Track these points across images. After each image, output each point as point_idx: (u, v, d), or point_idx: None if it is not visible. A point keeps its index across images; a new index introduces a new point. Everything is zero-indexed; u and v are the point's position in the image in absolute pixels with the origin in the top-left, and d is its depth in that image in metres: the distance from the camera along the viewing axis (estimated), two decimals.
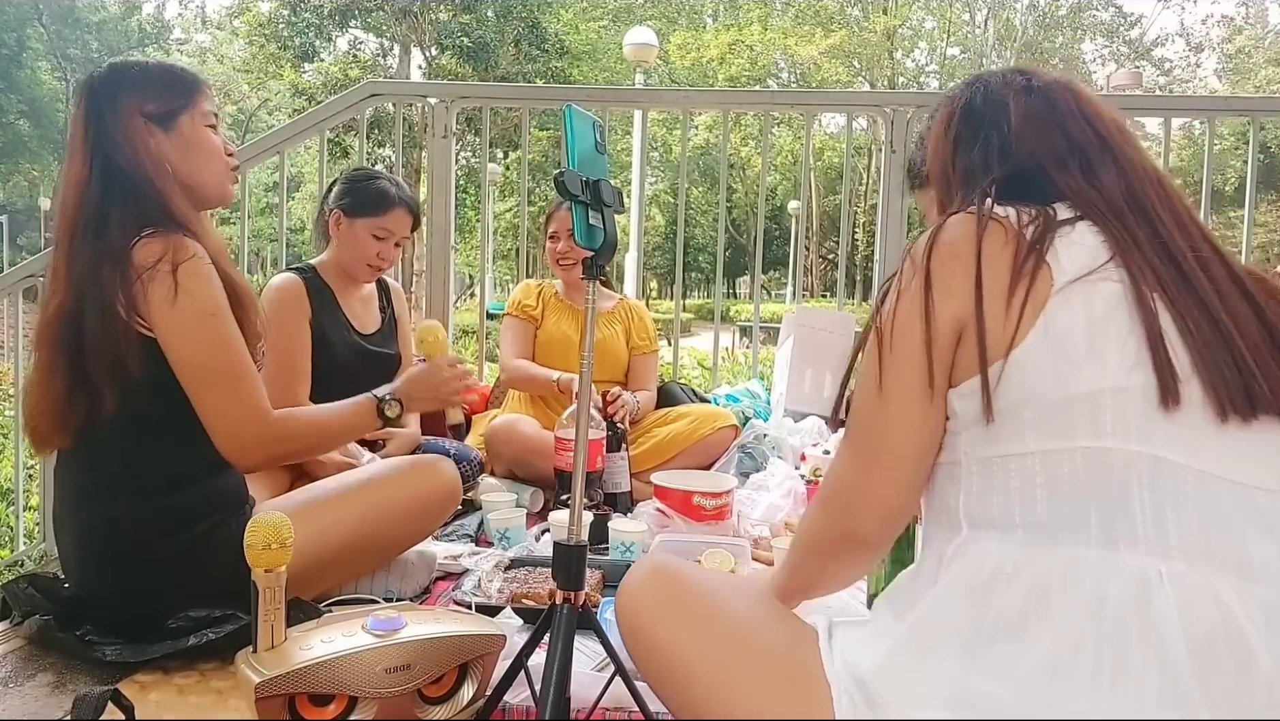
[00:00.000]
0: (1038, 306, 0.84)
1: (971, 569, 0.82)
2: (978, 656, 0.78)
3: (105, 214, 1.30)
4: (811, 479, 2.14)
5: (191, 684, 1.22)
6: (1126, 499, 0.79)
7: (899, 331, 0.89)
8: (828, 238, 28.22)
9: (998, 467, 0.84)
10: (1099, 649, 0.74)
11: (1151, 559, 0.77)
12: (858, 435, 0.94)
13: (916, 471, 0.90)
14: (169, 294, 1.26)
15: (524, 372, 2.56)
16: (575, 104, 1.21)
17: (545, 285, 2.76)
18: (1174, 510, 0.78)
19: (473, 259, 18.78)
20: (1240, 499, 0.79)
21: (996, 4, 23.61)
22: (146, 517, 1.32)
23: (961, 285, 0.86)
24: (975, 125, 1.01)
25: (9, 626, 1.38)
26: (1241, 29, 24.72)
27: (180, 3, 35.54)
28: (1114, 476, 0.79)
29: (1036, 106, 0.99)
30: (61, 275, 1.31)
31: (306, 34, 16.81)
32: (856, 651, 0.88)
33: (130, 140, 1.33)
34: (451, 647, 1.18)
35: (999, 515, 0.83)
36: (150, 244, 1.28)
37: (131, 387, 1.29)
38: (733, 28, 23.91)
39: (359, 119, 3.03)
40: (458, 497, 1.71)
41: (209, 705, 1.17)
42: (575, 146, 1.17)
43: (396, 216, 2.21)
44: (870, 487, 0.91)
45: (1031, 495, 0.82)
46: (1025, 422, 0.83)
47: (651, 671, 1.01)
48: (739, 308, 20.25)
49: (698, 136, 21.42)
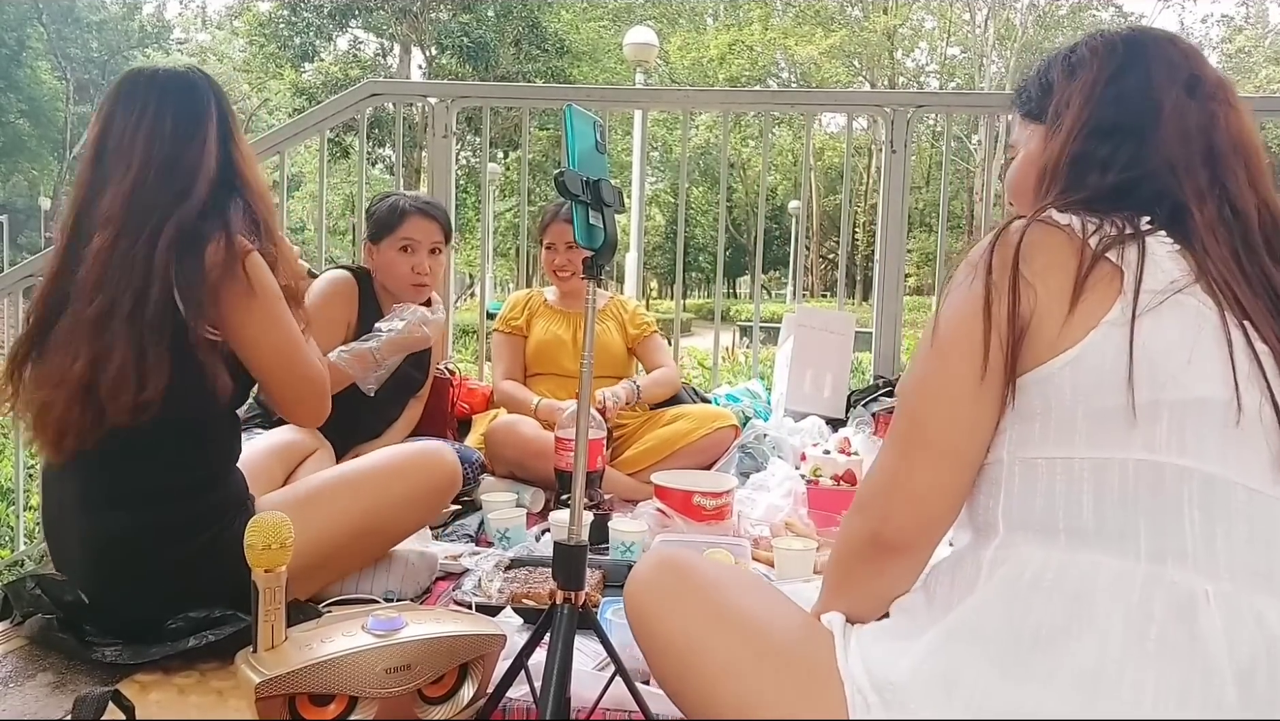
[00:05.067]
0: (1101, 312, 0.81)
1: (1012, 575, 0.80)
2: (1015, 665, 0.76)
3: (167, 215, 1.30)
4: (812, 478, 2.14)
5: (192, 684, 1.22)
6: (1178, 515, 0.78)
7: (955, 327, 0.87)
8: (828, 237, 28.21)
9: (1041, 469, 0.82)
10: (1142, 665, 0.73)
11: (1200, 577, 0.76)
12: (904, 431, 0.91)
13: (962, 472, 0.87)
14: (245, 288, 1.31)
15: (506, 394, 2.59)
16: (575, 104, 1.21)
17: (534, 295, 2.76)
18: (1224, 529, 0.77)
19: (473, 258, 18.77)
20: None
21: (996, 4, 23.59)
22: (158, 523, 1.31)
23: (1026, 283, 0.84)
24: (1118, 113, 0.93)
25: (9, 626, 1.37)
26: (1241, 29, 24.71)
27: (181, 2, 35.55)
28: (1166, 491, 0.78)
29: (1193, 119, 0.91)
30: (105, 278, 1.27)
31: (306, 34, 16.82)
32: (881, 655, 0.85)
33: (218, 131, 1.37)
34: (452, 647, 1.18)
35: (1041, 519, 0.82)
36: (217, 242, 1.29)
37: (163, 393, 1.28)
38: (733, 28, 23.92)
39: (359, 119, 3.03)
40: (459, 483, 1.70)
41: (209, 705, 1.17)
42: (575, 146, 1.17)
43: (413, 223, 2.21)
44: (912, 485, 0.88)
45: (1078, 501, 0.80)
46: (1076, 425, 0.81)
47: (659, 664, 0.99)
48: (739, 307, 20.25)
49: (698, 136, 21.42)
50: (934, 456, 0.87)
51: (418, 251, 2.22)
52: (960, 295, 0.87)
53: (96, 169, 1.34)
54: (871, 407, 2.57)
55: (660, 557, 1.06)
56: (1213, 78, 0.94)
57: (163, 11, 27.71)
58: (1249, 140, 0.93)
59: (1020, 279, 0.84)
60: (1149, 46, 0.96)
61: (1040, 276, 0.84)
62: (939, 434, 0.87)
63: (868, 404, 2.61)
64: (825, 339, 2.79)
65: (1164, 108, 0.92)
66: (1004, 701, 0.75)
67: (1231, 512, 0.78)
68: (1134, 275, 0.82)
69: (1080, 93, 0.96)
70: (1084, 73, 0.96)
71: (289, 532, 1.10)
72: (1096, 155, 0.93)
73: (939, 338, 0.88)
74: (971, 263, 0.88)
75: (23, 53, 23.42)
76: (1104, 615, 0.75)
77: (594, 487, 2.12)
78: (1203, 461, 0.78)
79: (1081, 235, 0.85)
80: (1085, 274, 0.82)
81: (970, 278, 0.87)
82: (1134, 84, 0.94)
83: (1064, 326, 0.82)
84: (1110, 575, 0.77)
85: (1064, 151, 0.95)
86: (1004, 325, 0.83)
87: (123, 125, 1.34)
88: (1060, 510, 0.81)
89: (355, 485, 1.53)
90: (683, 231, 3.35)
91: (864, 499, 0.95)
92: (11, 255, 21.11)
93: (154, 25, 26.55)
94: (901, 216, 2.94)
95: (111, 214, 1.30)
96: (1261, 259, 0.86)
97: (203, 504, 1.35)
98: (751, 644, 0.92)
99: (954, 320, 0.87)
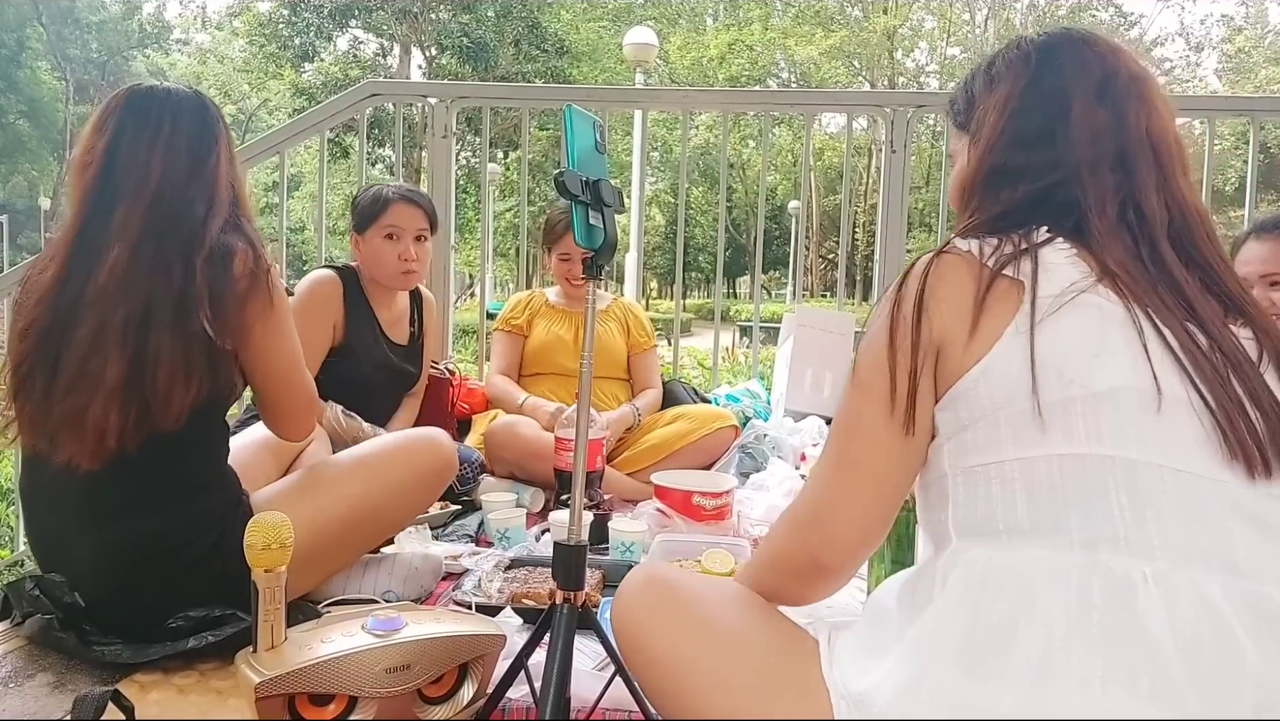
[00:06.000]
0: (1002, 325, 0.85)
1: (963, 579, 0.82)
2: (973, 664, 0.78)
3: (198, 226, 1.32)
4: None
5: (191, 684, 1.22)
6: (1105, 502, 0.79)
7: (871, 360, 0.92)
8: (828, 238, 28.21)
9: (979, 476, 0.85)
10: (1088, 651, 0.74)
11: (1135, 560, 0.77)
12: (835, 457, 0.95)
13: (891, 494, 0.92)
14: (267, 300, 1.36)
15: (498, 391, 2.61)
16: (575, 104, 1.21)
17: (535, 295, 2.77)
18: (1154, 511, 0.78)
19: (473, 258, 18.78)
20: (1221, 495, 0.79)
21: (996, 4, 23.60)
22: (168, 529, 1.31)
23: (929, 313, 0.89)
24: (1031, 122, 0.96)
25: (9, 626, 1.37)
26: (1241, 29, 24.71)
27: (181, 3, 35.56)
28: (1090, 481, 0.80)
29: (1103, 119, 0.94)
30: (130, 285, 1.28)
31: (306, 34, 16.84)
32: (855, 667, 0.87)
33: (227, 153, 1.41)
34: (451, 647, 1.18)
35: (983, 523, 0.84)
36: (244, 255, 1.33)
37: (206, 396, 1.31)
38: (733, 28, 23.92)
39: (359, 119, 3.03)
40: (454, 468, 1.70)
41: (209, 705, 1.17)
42: (575, 146, 1.17)
43: (397, 210, 2.22)
44: (848, 509, 0.92)
45: (1012, 501, 0.82)
46: (1001, 431, 0.84)
47: (647, 680, 1.00)
48: (739, 307, 20.26)
49: (698, 136, 21.42)
50: (863, 480, 0.91)
51: (403, 238, 2.22)
52: (874, 329, 0.93)
53: (105, 181, 1.34)
54: None
55: (646, 574, 1.07)
56: (1128, 74, 0.96)
57: (162, 12, 27.78)
58: (1162, 137, 0.94)
59: (924, 309, 0.88)
60: (1064, 50, 0.98)
61: (944, 303, 0.88)
62: (866, 458, 0.91)
63: None
64: (825, 339, 2.79)
65: (1073, 111, 0.94)
66: (970, 701, 0.77)
67: (1160, 494, 0.79)
68: (1029, 285, 0.86)
69: (995, 108, 0.99)
70: (1000, 87, 1.00)
71: (289, 532, 1.10)
72: (1010, 167, 0.96)
73: (858, 369, 0.94)
74: (888, 298, 0.93)
75: (22, 53, 23.44)
76: (1045, 606, 0.77)
77: (594, 487, 2.12)
78: (1122, 448, 0.80)
79: (979, 257, 0.89)
80: (984, 293, 0.87)
81: (884, 312, 0.92)
82: (1047, 91, 0.96)
83: (969, 344, 0.86)
84: (1047, 567, 0.79)
85: (980, 166, 0.99)
86: (909, 353, 0.88)
87: (135, 139, 1.35)
88: (999, 512, 0.83)
89: (350, 471, 1.53)
90: (683, 231, 3.35)
91: (802, 518, 0.97)
92: (11, 255, 21.13)
93: (154, 25, 26.58)
94: (901, 216, 2.94)
95: (129, 225, 1.31)
96: (1163, 256, 0.89)
97: (207, 502, 1.35)
98: (738, 657, 0.93)
99: (869, 353, 0.93)
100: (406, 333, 2.37)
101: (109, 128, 1.36)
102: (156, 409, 1.27)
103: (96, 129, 1.37)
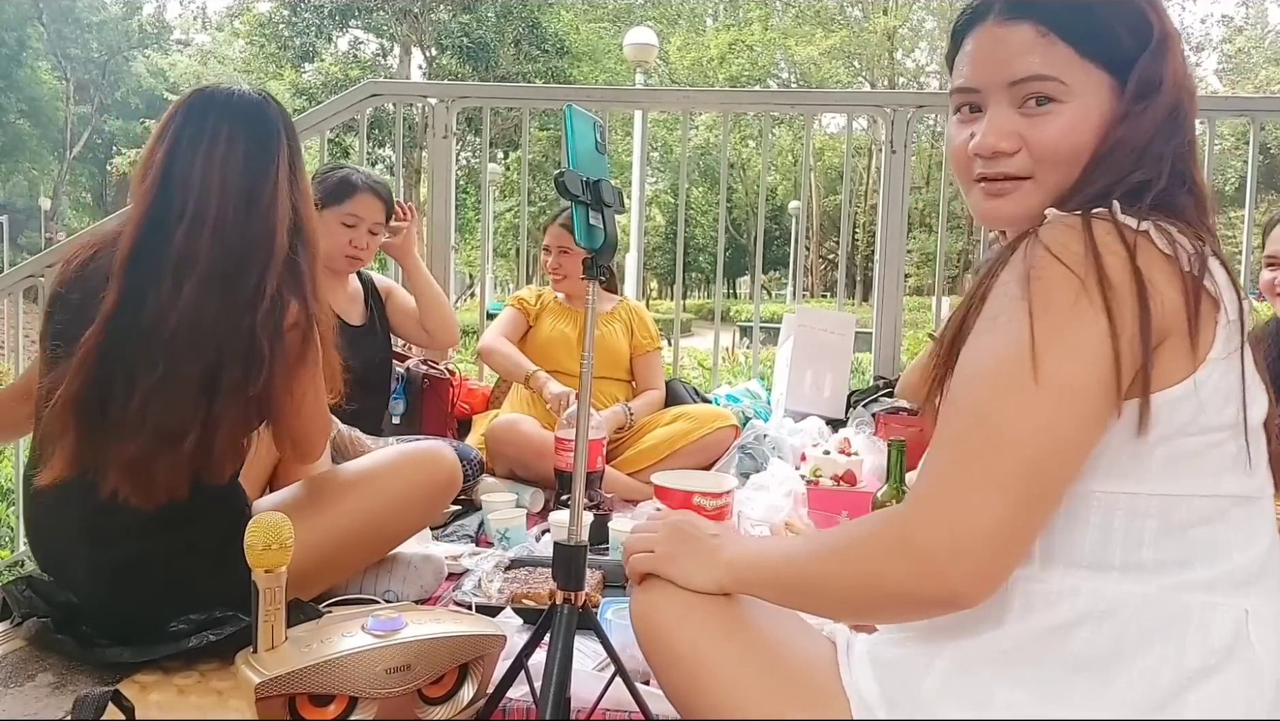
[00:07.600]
0: (1205, 346, 0.76)
1: (1049, 605, 0.79)
2: (1054, 694, 0.76)
3: (261, 273, 1.28)
4: (811, 479, 2.14)
5: (192, 684, 1.22)
6: (1228, 542, 0.78)
7: (1076, 360, 0.73)
8: (828, 238, 28.21)
9: (1096, 503, 0.78)
10: (1206, 687, 0.74)
11: (1240, 598, 0.77)
12: (1022, 482, 0.74)
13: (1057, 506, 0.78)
14: (312, 351, 1.34)
15: (503, 350, 2.57)
16: (575, 104, 1.21)
17: (546, 290, 2.77)
18: (1263, 544, 0.79)
19: (473, 259, 18.79)
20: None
21: None
22: (176, 545, 1.31)
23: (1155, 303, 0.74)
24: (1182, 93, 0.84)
25: (9, 626, 1.37)
26: (1241, 29, 24.72)
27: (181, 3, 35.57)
28: (1216, 522, 0.78)
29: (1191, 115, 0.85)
30: (200, 334, 1.24)
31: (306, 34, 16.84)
32: (899, 671, 0.85)
33: (286, 168, 1.35)
34: (451, 647, 1.18)
35: (1090, 553, 0.78)
36: (297, 309, 1.31)
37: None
38: (733, 28, 23.93)
39: (359, 119, 3.03)
40: (459, 482, 1.69)
41: (209, 705, 1.17)
42: (575, 146, 1.17)
43: (361, 201, 2.25)
44: (1025, 539, 0.76)
45: (1139, 537, 0.78)
46: (1152, 462, 0.76)
47: (666, 677, 0.98)
48: (739, 307, 20.26)
49: (698, 136, 21.42)
50: (1050, 507, 0.77)
51: (359, 228, 2.26)
52: (1067, 321, 0.73)
53: (162, 194, 1.28)
54: (872, 408, 2.57)
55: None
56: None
57: (163, 12, 27.77)
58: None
59: (1148, 296, 0.72)
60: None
61: (1159, 290, 0.73)
62: (1064, 483, 0.76)
63: (868, 404, 2.61)
64: (825, 339, 2.79)
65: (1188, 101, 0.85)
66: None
67: (1263, 526, 0.80)
68: (1230, 301, 0.76)
69: (1176, 60, 0.82)
70: (1174, 41, 0.84)
71: (289, 533, 1.10)
72: (1180, 135, 0.82)
73: (1048, 371, 0.72)
74: (1053, 279, 0.73)
75: (23, 53, 23.43)
76: (1160, 643, 0.75)
77: (594, 487, 2.12)
78: (1243, 487, 0.79)
79: (1173, 251, 0.75)
80: (1195, 301, 0.74)
81: (1073, 295, 0.73)
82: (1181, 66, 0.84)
83: (1181, 356, 0.75)
84: (1171, 607, 0.77)
85: (1156, 134, 0.81)
86: (1136, 344, 0.72)
87: (190, 150, 1.29)
88: (1118, 546, 0.78)
89: (355, 486, 1.52)
90: (683, 231, 3.35)
91: (965, 545, 0.74)
92: (12, 255, 21.10)
93: (154, 26, 26.57)
94: (901, 216, 2.94)
95: (193, 257, 1.26)
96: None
97: (218, 518, 1.34)
98: (758, 659, 0.92)
99: (1071, 354, 0.73)
100: (362, 313, 2.38)
101: (168, 134, 1.31)
102: (212, 470, 1.28)
103: (159, 133, 1.32)
